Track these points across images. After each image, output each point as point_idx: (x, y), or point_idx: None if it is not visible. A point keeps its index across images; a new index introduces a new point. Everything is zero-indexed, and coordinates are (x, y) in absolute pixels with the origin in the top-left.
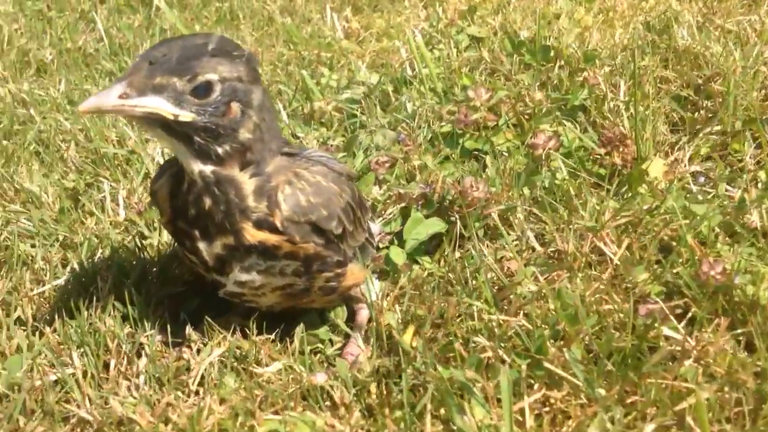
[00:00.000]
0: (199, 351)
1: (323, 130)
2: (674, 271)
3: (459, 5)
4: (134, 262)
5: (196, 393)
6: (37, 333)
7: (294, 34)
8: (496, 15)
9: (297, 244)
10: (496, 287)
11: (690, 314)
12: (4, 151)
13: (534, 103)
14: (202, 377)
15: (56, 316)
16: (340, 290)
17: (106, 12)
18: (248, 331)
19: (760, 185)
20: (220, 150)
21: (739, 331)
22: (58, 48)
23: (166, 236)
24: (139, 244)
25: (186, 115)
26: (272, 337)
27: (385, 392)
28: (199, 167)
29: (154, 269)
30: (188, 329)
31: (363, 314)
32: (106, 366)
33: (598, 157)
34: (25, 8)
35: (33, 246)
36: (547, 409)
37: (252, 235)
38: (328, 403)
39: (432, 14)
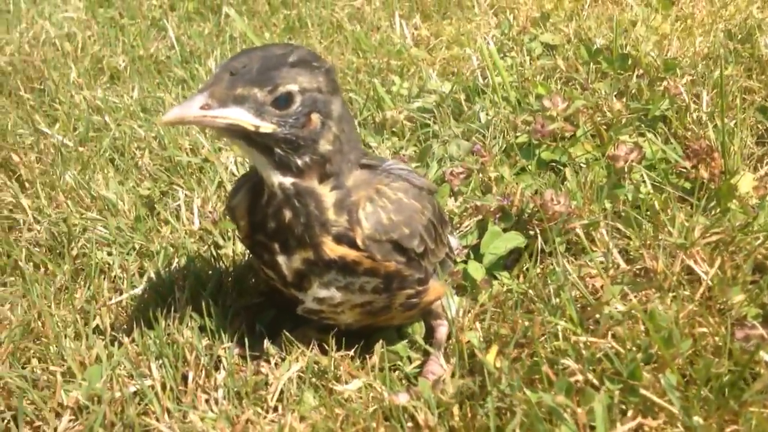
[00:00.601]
0: (277, 365)
1: (395, 139)
2: None
3: (531, 12)
4: (210, 272)
5: (275, 409)
6: (115, 343)
7: (363, 42)
8: (569, 22)
9: (378, 262)
10: (580, 305)
11: None
12: (80, 158)
13: (613, 113)
14: (281, 393)
15: (134, 326)
16: (421, 306)
17: (177, 19)
18: (326, 347)
19: None
20: (299, 161)
21: None
22: (130, 55)
23: (240, 246)
24: (215, 254)
25: (267, 127)
26: (350, 353)
27: (469, 415)
28: (279, 179)
29: (230, 279)
30: (266, 343)
31: (442, 331)
32: (184, 378)
33: (683, 170)
34: (98, 15)
35: (110, 254)
36: None
37: (332, 249)
38: (410, 424)
39: (503, 21)
